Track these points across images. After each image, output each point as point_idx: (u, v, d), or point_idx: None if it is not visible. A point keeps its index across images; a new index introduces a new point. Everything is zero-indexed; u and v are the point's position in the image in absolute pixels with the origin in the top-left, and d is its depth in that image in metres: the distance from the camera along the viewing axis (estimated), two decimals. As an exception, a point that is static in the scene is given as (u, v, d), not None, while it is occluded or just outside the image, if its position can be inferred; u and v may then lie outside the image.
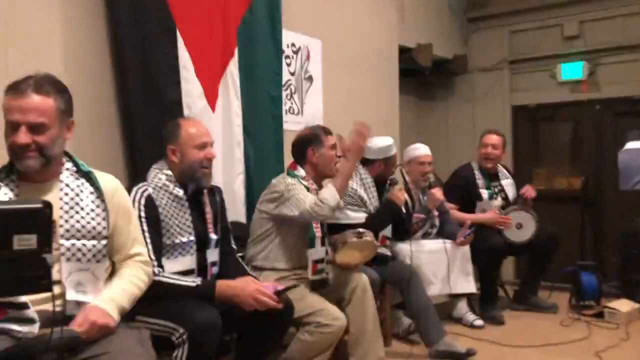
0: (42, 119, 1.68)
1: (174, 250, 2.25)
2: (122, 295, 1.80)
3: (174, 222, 2.25)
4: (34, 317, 1.64)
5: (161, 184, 2.27)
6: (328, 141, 2.86)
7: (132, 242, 1.93)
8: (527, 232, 4.11)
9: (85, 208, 1.79)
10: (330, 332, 2.57)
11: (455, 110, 6.03)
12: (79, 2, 2.61)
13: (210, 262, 2.38)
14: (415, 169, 3.85)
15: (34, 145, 1.68)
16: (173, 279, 2.16)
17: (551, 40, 5.56)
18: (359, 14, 4.39)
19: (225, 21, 3.12)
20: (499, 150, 4.26)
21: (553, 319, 4.10)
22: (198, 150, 2.30)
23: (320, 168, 2.87)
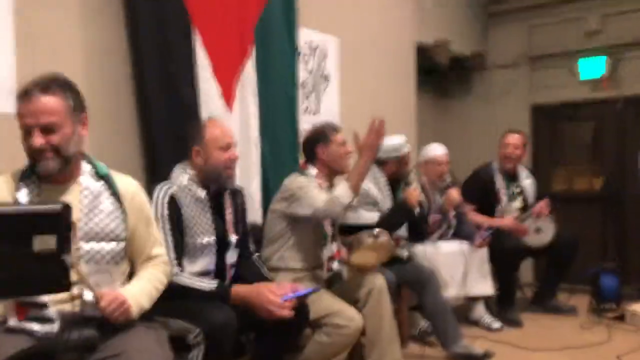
0: (53, 118, 1.69)
1: (195, 250, 2.25)
2: (141, 294, 1.81)
3: (195, 222, 2.26)
4: (53, 316, 1.66)
5: (184, 184, 2.28)
6: (336, 138, 2.87)
7: (152, 244, 1.94)
8: (546, 237, 4.07)
9: (105, 210, 1.80)
10: (347, 333, 2.56)
11: (474, 108, 5.97)
12: (97, 4, 2.63)
13: (229, 264, 2.39)
14: (431, 169, 3.82)
15: (49, 146, 1.70)
16: (190, 280, 2.17)
17: (572, 34, 5.44)
18: (375, 11, 4.37)
19: (242, 21, 3.12)
20: (519, 150, 4.21)
21: (572, 321, 4.05)
22: (222, 152, 2.31)
23: (331, 165, 2.86)
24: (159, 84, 2.73)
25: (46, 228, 1.35)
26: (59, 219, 1.36)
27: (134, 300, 1.76)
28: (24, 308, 1.65)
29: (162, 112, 2.74)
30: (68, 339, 1.45)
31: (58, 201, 1.39)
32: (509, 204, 4.13)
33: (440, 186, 3.81)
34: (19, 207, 1.52)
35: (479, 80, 5.96)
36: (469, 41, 5.76)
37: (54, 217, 1.36)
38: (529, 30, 5.68)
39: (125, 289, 1.80)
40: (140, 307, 1.78)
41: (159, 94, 2.73)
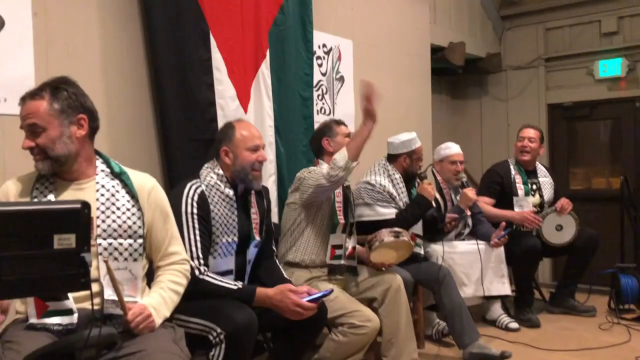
0: (34, 120, 1.76)
1: (217, 248, 2.28)
2: (163, 304, 1.84)
3: (222, 221, 2.28)
4: (72, 307, 1.69)
5: (213, 182, 2.31)
6: (341, 130, 2.98)
7: (169, 240, 1.95)
8: (567, 235, 4.02)
9: (121, 208, 1.83)
10: (363, 333, 2.56)
11: (489, 109, 5.95)
12: (115, 7, 2.67)
13: (247, 260, 2.41)
14: (447, 168, 3.81)
15: (36, 148, 1.77)
16: (216, 279, 2.18)
17: (588, 36, 5.44)
18: (390, 13, 4.37)
19: (257, 23, 3.14)
20: (535, 144, 4.18)
21: (591, 322, 4.01)
22: (250, 153, 2.34)
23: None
24: (176, 85, 2.77)
25: (66, 226, 1.37)
26: (78, 217, 1.37)
27: (157, 311, 1.79)
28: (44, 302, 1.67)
29: (178, 113, 2.77)
30: (88, 336, 1.47)
31: (77, 200, 1.40)
32: (525, 198, 4.09)
33: (455, 185, 3.79)
34: (39, 205, 1.54)
35: (494, 81, 5.94)
36: (484, 43, 5.74)
37: (74, 215, 1.37)
38: (545, 32, 5.66)
39: (147, 299, 1.82)
40: (162, 318, 1.81)
41: (176, 95, 2.76)
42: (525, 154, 4.17)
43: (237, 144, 2.34)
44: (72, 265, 1.36)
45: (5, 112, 2.29)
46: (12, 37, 2.31)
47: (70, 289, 1.50)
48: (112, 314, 1.74)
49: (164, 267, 1.94)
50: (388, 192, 3.28)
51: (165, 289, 1.88)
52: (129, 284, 1.80)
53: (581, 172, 5.70)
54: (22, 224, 1.32)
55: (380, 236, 2.85)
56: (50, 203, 1.67)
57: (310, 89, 3.54)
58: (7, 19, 2.30)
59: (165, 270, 1.94)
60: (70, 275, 1.38)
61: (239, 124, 2.41)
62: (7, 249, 1.29)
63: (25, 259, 1.32)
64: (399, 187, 3.33)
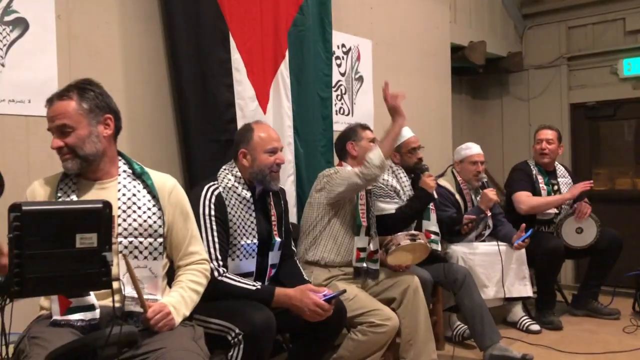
0: (64, 120, 1.80)
1: (237, 251, 2.29)
2: (182, 303, 1.86)
3: (240, 223, 2.29)
4: (94, 302, 1.72)
5: (230, 184, 2.32)
6: (366, 134, 3.01)
7: (189, 240, 1.97)
8: (588, 237, 3.96)
9: (142, 207, 1.86)
10: (383, 331, 2.56)
11: (510, 108, 5.89)
12: (136, 9, 2.70)
13: (271, 265, 2.42)
14: (467, 168, 3.78)
15: (65, 148, 1.81)
16: (235, 280, 2.20)
17: (612, 34, 5.35)
18: (409, 12, 4.35)
19: (276, 24, 3.15)
20: (554, 145, 4.13)
21: (615, 325, 3.94)
22: (268, 155, 2.35)
23: (360, 159, 2.88)
24: (195, 85, 2.79)
25: (88, 226, 1.39)
26: (100, 217, 1.39)
27: (177, 310, 1.81)
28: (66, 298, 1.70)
29: (198, 113, 2.80)
30: (109, 334, 1.49)
31: (99, 200, 1.42)
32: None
33: (476, 185, 3.76)
34: (61, 205, 1.57)
35: (515, 80, 5.87)
36: (505, 42, 5.69)
37: (95, 215, 1.39)
38: (567, 31, 5.59)
39: (167, 298, 1.84)
40: (182, 317, 1.83)
41: (195, 96, 2.79)
42: (545, 156, 4.12)
43: (255, 146, 2.35)
44: (93, 264, 1.39)
45: (29, 114, 2.34)
46: (36, 39, 2.35)
47: (92, 288, 1.53)
48: (132, 312, 1.77)
49: (184, 267, 1.96)
50: (392, 186, 3.25)
51: (185, 289, 1.90)
52: (149, 282, 1.82)
53: (605, 173, 5.60)
54: (45, 224, 1.35)
55: (396, 240, 2.85)
56: (73, 203, 1.70)
57: (329, 89, 3.54)
58: (32, 21, 2.34)
59: (186, 270, 1.95)
60: (91, 274, 1.40)
61: (257, 126, 2.42)
62: (31, 248, 1.31)
63: (48, 258, 1.34)
64: (402, 182, 3.31)
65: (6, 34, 2.28)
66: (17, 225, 1.30)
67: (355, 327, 2.58)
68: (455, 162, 3.86)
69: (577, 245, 3.97)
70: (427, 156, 4.40)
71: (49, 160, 2.33)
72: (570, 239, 3.96)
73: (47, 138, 2.36)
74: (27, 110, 2.33)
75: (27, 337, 1.65)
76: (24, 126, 2.34)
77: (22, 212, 1.30)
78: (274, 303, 2.17)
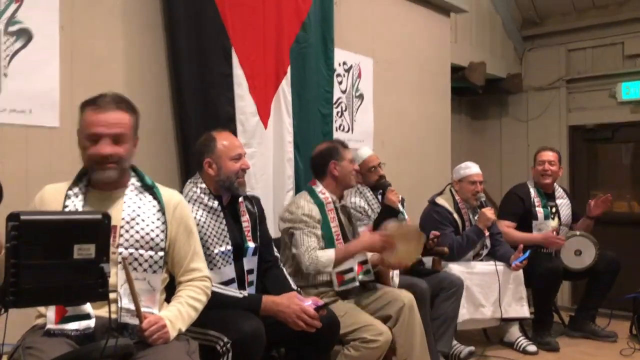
0: (123, 131, 1.83)
1: (214, 260, 2.27)
2: (179, 317, 1.84)
3: (211, 232, 2.29)
4: (90, 312, 1.70)
5: (196, 196, 2.33)
6: (347, 154, 2.91)
7: (191, 256, 1.96)
8: (586, 259, 3.95)
9: (146, 220, 1.86)
10: (376, 347, 2.53)
11: (509, 129, 5.92)
12: (139, 21, 2.72)
13: (247, 270, 2.41)
14: (466, 187, 3.77)
15: (115, 156, 1.81)
16: (220, 289, 2.19)
17: (611, 58, 5.41)
18: (411, 32, 4.39)
19: (279, 40, 3.18)
20: (555, 166, 4.15)
21: (612, 348, 3.91)
22: (234, 162, 2.37)
23: (340, 180, 2.88)
24: (197, 99, 2.80)
25: (86, 237, 1.38)
26: (98, 228, 1.39)
27: (172, 324, 1.79)
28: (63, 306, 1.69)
29: (199, 127, 2.79)
30: (104, 346, 1.47)
31: (98, 211, 1.42)
32: (545, 222, 4.05)
33: (474, 205, 3.76)
34: (60, 215, 1.56)
35: (514, 101, 5.92)
36: (505, 63, 5.74)
37: (94, 226, 1.39)
38: (567, 53, 5.65)
39: (164, 312, 1.83)
40: (177, 331, 1.81)
41: (197, 109, 2.80)
42: (547, 177, 4.12)
43: (220, 154, 2.36)
44: (91, 275, 1.38)
45: (30, 124, 2.34)
46: (40, 50, 2.36)
47: (89, 299, 1.52)
48: (127, 323, 1.75)
49: (184, 283, 1.95)
50: (360, 207, 3.30)
51: (184, 304, 1.89)
52: (146, 295, 1.81)
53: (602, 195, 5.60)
54: (43, 233, 1.34)
55: (385, 227, 2.79)
56: (71, 213, 1.69)
57: (330, 106, 3.56)
58: (35, 32, 2.35)
59: (186, 286, 1.94)
60: (88, 285, 1.39)
61: (219, 135, 2.42)
62: (28, 258, 1.30)
63: (45, 268, 1.33)
64: (369, 200, 3.35)
65: (10, 44, 2.29)
66: (15, 234, 1.29)
67: (348, 343, 2.56)
68: (454, 181, 3.86)
69: (576, 267, 3.96)
70: (426, 175, 4.43)
71: (47, 170, 2.34)
72: (569, 261, 3.96)
73: (47, 148, 2.38)
74: (28, 120, 2.33)
75: (22, 348, 1.64)
76: (24, 136, 2.33)
77: (20, 221, 1.30)
78: (262, 310, 2.16)
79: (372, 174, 3.39)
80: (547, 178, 4.13)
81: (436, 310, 3.27)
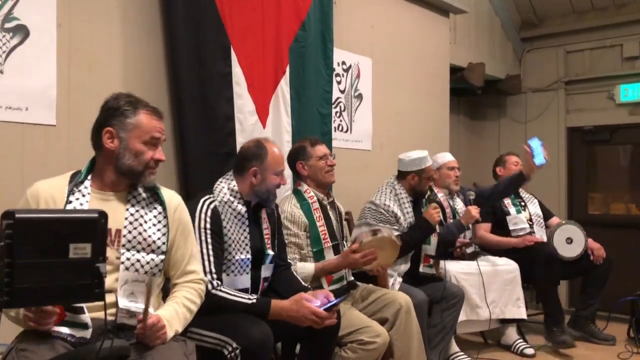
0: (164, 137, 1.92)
1: (232, 266, 2.26)
2: (175, 318, 1.82)
3: (235, 238, 2.27)
4: (88, 322, 1.68)
5: (226, 199, 2.29)
6: (315, 152, 2.85)
7: (188, 258, 1.95)
8: (577, 247, 4.01)
9: (148, 222, 1.84)
10: (373, 348, 2.52)
11: (507, 130, 5.92)
12: (138, 20, 2.69)
13: (263, 278, 2.39)
14: (446, 174, 3.87)
15: (159, 162, 1.87)
16: (230, 294, 2.16)
17: (610, 60, 5.41)
18: (410, 32, 4.38)
19: (278, 39, 3.16)
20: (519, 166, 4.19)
21: (610, 351, 3.91)
22: (277, 177, 2.35)
23: (313, 178, 2.86)
24: (195, 98, 2.77)
25: (82, 236, 1.36)
26: (95, 227, 1.37)
27: (170, 324, 1.77)
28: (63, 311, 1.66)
29: (197, 126, 2.78)
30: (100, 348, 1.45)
31: (94, 209, 1.39)
32: (517, 215, 4.13)
33: (454, 189, 3.84)
34: (55, 214, 1.53)
35: (513, 102, 5.91)
36: (504, 64, 5.74)
37: (90, 225, 1.36)
38: (565, 55, 5.65)
39: (161, 311, 1.81)
40: (174, 332, 1.79)
41: (195, 108, 2.77)
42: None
43: (267, 167, 2.33)
44: (86, 275, 1.35)
45: (26, 121, 2.31)
46: (36, 47, 2.34)
47: (84, 299, 1.49)
48: (125, 324, 1.73)
49: (180, 284, 1.93)
50: (392, 212, 3.22)
51: (180, 305, 1.87)
52: (143, 297, 1.79)
53: (600, 197, 5.62)
54: (38, 232, 1.32)
55: (359, 238, 2.78)
56: (67, 212, 1.66)
57: (329, 105, 3.54)
58: (32, 29, 2.33)
59: (182, 287, 1.93)
60: (84, 285, 1.36)
61: (269, 145, 2.39)
62: (23, 257, 1.28)
63: (40, 267, 1.31)
64: (405, 207, 3.29)
65: (6, 41, 2.27)
66: (9, 233, 1.27)
67: (345, 345, 2.54)
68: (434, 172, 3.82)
69: (569, 255, 4.00)
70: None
71: (43, 169, 2.31)
72: (562, 250, 3.98)
73: (43, 146, 2.35)
74: (24, 117, 2.31)
75: (15, 349, 1.61)
76: (20, 134, 2.31)
77: (14, 219, 1.27)
78: (270, 316, 2.14)
79: (428, 182, 3.39)
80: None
81: (434, 318, 3.24)
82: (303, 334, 2.22)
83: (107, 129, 1.80)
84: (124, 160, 1.80)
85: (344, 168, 3.66)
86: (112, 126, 1.80)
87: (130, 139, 1.80)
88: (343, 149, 3.77)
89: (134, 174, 1.82)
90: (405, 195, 3.31)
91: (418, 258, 3.31)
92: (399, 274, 3.18)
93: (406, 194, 3.31)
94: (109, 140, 1.80)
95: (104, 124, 1.81)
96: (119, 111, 1.81)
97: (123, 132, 1.80)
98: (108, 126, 1.80)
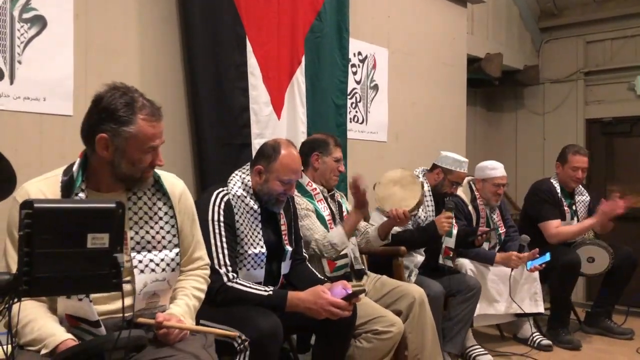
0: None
1: (245, 260, 2.25)
2: (188, 312, 1.81)
3: (247, 232, 2.26)
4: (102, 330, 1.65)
5: (239, 193, 2.28)
6: (335, 152, 2.84)
7: (195, 245, 1.93)
8: (599, 267, 3.85)
9: (154, 217, 1.78)
10: (388, 337, 2.49)
11: (525, 122, 5.85)
12: (154, 10, 2.69)
13: (283, 274, 2.39)
14: (489, 189, 3.70)
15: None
16: (246, 286, 2.16)
17: (630, 50, 5.32)
18: (426, 22, 4.33)
19: (294, 30, 3.14)
20: (585, 172, 4.04)
21: (628, 345, 3.86)
22: (281, 184, 2.29)
23: (319, 174, 2.84)
24: (211, 89, 2.77)
25: (99, 226, 1.36)
26: (112, 217, 1.36)
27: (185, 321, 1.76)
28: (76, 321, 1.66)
29: (212, 117, 2.78)
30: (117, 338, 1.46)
31: (112, 199, 1.39)
32: (571, 222, 3.96)
33: (493, 205, 3.71)
34: (74, 203, 1.53)
35: (531, 94, 5.84)
36: (522, 55, 5.66)
37: (108, 215, 1.36)
38: (585, 45, 5.55)
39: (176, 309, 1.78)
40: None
41: (210, 99, 2.77)
42: (577, 183, 4.04)
43: (272, 170, 2.29)
44: (104, 265, 1.36)
45: (44, 111, 2.33)
46: (54, 38, 2.35)
47: (102, 289, 1.48)
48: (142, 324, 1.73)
49: (186, 272, 1.91)
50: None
51: (190, 297, 1.86)
52: (165, 294, 1.78)
53: (619, 189, 5.52)
54: (56, 222, 1.32)
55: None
56: (85, 202, 1.66)
57: (345, 96, 3.52)
58: (50, 20, 2.34)
59: (188, 276, 1.91)
60: (102, 275, 1.36)
61: (285, 150, 2.31)
62: (41, 247, 1.28)
63: (58, 257, 1.31)
64: (426, 200, 3.26)
65: (24, 31, 2.28)
66: (28, 222, 1.27)
67: (359, 335, 2.53)
68: (477, 179, 3.78)
69: (590, 272, 3.89)
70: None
71: (61, 159, 2.32)
72: (584, 267, 3.84)
73: (60, 137, 2.36)
74: (42, 108, 2.32)
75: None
76: (38, 124, 2.33)
77: (33, 209, 1.28)
78: (287, 308, 2.13)
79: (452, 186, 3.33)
80: (578, 184, 4.04)
81: (451, 311, 3.22)
82: (319, 325, 2.20)
83: (101, 136, 1.62)
84: (120, 168, 1.67)
85: (359, 159, 3.65)
86: (106, 132, 1.62)
87: (127, 147, 1.64)
88: (358, 140, 3.75)
89: (132, 180, 1.73)
90: (428, 189, 3.28)
91: (438, 250, 3.28)
92: (415, 266, 3.16)
93: (429, 188, 3.29)
94: (103, 148, 1.64)
95: (96, 128, 1.63)
96: (114, 115, 1.62)
97: (119, 141, 1.63)
98: (102, 132, 1.62)
